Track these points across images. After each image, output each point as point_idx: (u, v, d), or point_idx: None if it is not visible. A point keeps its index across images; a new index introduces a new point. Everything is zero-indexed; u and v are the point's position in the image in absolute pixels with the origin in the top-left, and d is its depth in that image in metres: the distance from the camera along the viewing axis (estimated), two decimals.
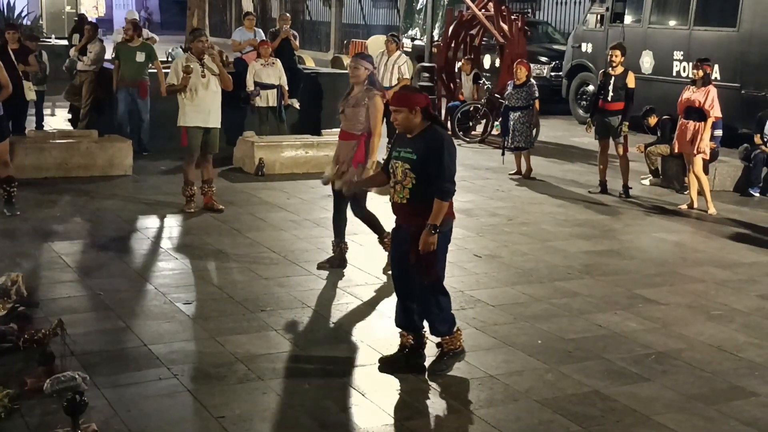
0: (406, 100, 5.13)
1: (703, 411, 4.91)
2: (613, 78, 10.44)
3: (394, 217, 5.30)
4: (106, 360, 5.29)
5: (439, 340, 5.31)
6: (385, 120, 12.44)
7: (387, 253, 7.12)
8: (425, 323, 5.32)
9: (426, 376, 5.22)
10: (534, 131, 12.04)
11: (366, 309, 6.44)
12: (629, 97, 10.48)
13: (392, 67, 13.00)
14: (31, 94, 12.39)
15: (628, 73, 10.52)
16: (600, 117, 10.61)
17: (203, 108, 8.84)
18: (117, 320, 5.96)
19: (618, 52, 10.47)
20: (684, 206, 10.13)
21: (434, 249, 5.03)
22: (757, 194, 11.02)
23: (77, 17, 19.68)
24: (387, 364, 5.32)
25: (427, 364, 5.32)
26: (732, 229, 9.31)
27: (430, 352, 5.37)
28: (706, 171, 10.14)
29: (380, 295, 6.74)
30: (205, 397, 4.83)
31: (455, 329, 5.31)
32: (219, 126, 9.06)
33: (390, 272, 5.90)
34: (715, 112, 9.88)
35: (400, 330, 5.38)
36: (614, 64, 10.46)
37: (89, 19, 17.12)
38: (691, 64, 12.80)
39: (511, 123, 11.58)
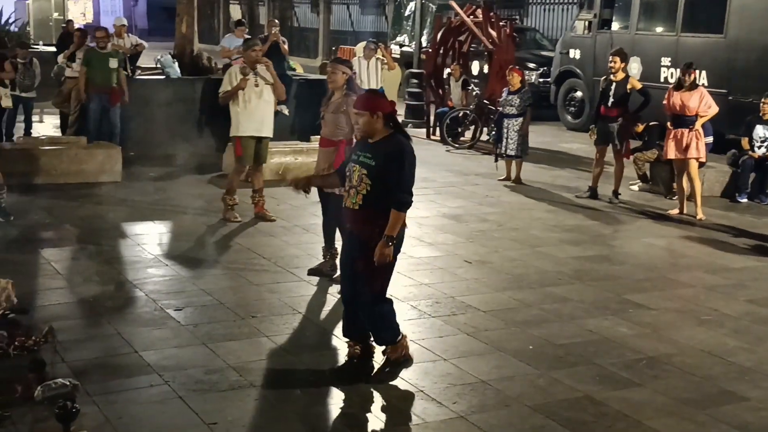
0: (368, 104, 4.98)
1: (694, 415, 4.93)
2: (614, 84, 10.46)
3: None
4: (97, 367, 5.27)
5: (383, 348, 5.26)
6: None
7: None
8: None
9: (374, 385, 5.13)
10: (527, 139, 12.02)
11: None
12: (644, 95, 10.46)
13: (377, 71, 13.03)
14: (6, 101, 12.31)
15: (629, 79, 10.55)
16: (601, 123, 10.60)
17: (256, 117, 8.83)
18: (108, 327, 5.94)
19: (617, 59, 10.47)
20: (674, 211, 10.16)
21: (389, 260, 4.93)
22: (745, 200, 11.07)
23: (65, 24, 19.63)
24: (336, 374, 5.24)
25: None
26: (720, 234, 9.36)
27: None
28: None
29: None
30: (196, 404, 4.81)
31: (399, 338, 5.21)
32: (271, 135, 9.10)
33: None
34: (713, 109, 9.93)
35: (347, 340, 5.33)
36: (614, 70, 10.47)
37: (77, 26, 17.06)
38: (678, 70, 12.86)
39: (505, 130, 11.59)
